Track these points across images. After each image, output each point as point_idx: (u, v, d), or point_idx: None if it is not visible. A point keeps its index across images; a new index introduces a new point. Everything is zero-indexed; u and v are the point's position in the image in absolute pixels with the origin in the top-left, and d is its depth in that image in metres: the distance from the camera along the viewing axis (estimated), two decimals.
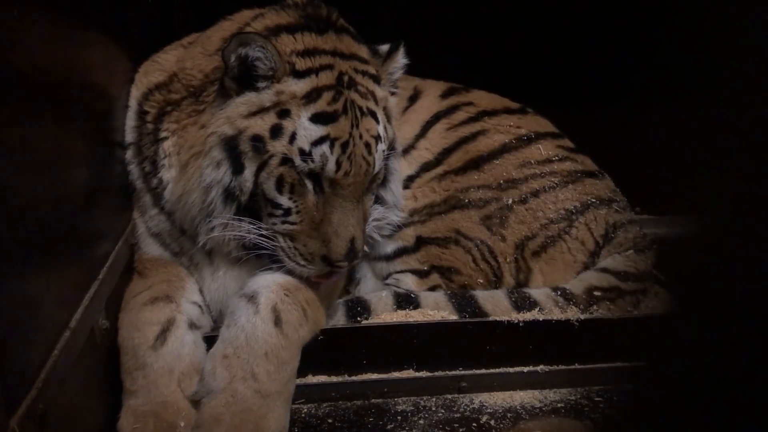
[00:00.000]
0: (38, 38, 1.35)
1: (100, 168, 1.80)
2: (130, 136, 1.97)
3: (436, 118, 2.41)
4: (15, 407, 1.17)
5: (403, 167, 2.32)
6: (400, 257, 2.27)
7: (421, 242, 2.25)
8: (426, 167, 2.33)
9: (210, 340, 1.81)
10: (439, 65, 2.55)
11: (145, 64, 2.06)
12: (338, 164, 1.74)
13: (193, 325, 1.84)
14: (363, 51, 1.92)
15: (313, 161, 1.73)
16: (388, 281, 2.29)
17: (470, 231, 2.22)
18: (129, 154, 1.96)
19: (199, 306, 1.92)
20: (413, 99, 2.46)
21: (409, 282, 2.25)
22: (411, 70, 2.12)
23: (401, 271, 2.27)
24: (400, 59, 2.01)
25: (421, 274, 2.25)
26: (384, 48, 2.00)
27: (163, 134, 1.90)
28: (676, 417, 0.86)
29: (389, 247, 2.28)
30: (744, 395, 0.78)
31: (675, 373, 0.87)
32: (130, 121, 1.98)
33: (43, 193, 1.38)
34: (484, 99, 2.47)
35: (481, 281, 2.21)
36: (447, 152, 2.33)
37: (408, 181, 2.32)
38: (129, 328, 1.76)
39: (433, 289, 2.23)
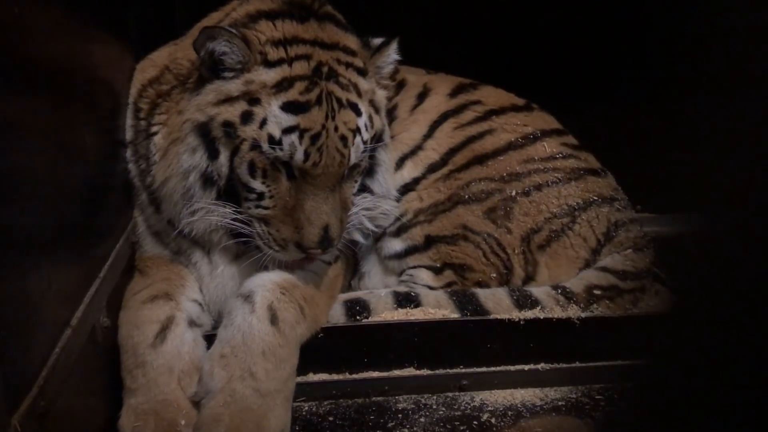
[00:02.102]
0: (38, 36, 1.36)
1: (103, 165, 1.80)
2: (128, 135, 1.98)
3: (444, 117, 2.40)
4: (16, 405, 1.17)
5: (407, 167, 2.33)
6: (412, 255, 2.27)
7: (430, 241, 2.25)
8: (432, 168, 2.33)
9: (211, 339, 1.81)
10: (443, 62, 2.55)
11: (142, 62, 2.08)
12: (306, 155, 1.73)
13: (193, 323, 1.84)
14: (350, 41, 1.90)
15: (282, 149, 1.73)
16: (403, 278, 2.28)
17: (476, 225, 2.22)
18: (128, 153, 1.98)
19: (200, 304, 1.93)
20: (422, 97, 2.45)
21: (424, 276, 2.24)
22: (417, 65, 2.12)
23: (415, 267, 2.27)
24: (391, 54, 1.99)
25: (435, 270, 2.25)
26: (377, 41, 1.99)
27: (154, 129, 1.91)
28: (677, 415, 0.86)
29: (399, 246, 2.27)
30: (745, 394, 0.78)
31: (676, 371, 0.87)
32: (128, 119, 1.99)
33: (46, 191, 1.38)
34: (491, 96, 2.46)
35: (495, 275, 2.21)
36: (453, 152, 2.33)
37: (414, 183, 2.31)
38: (129, 327, 1.76)
39: (448, 285, 2.22)
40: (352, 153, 1.80)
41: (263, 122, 1.73)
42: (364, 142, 1.84)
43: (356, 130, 1.81)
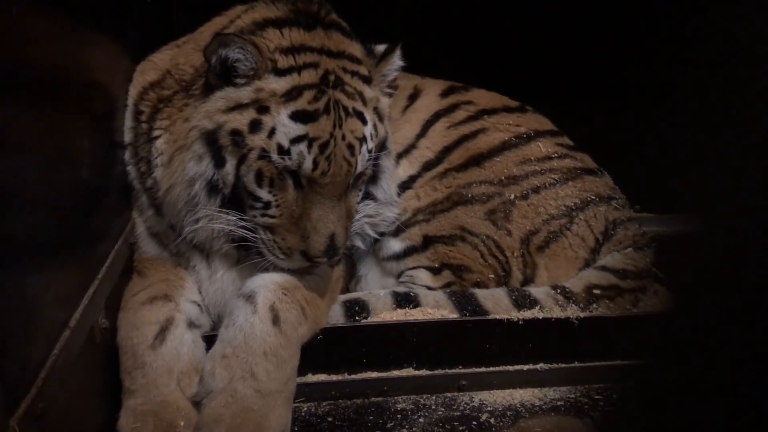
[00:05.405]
0: (37, 37, 1.35)
1: (100, 167, 1.80)
2: (127, 137, 1.97)
3: (436, 116, 2.41)
4: (15, 406, 1.17)
5: (402, 166, 2.33)
6: (411, 256, 2.27)
7: (428, 241, 2.25)
8: (428, 166, 2.34)
9: (209, 340, 1.81)
10: (439, 64, 2.56)
11: (142, 64, 2.07)
12: (315, 164, 1.73)
13: (192, 324, 1.84)
14: (355, 49, 1.90)
15: (290, 158, 1.73)
16: (402, 279, 2.28)
17: (475, 227, 2.23)
18: (127, 155, 1.97)
19: (198, 305, 1.92)
20: (413, 98, 2.46)
21: (423, 277, 2.24)
22: (411, 69, 2.12)
23: (414, 268, 2.27)
24: (396, 61, 1.99)
25: (433, 270, 2.25)
26: (380, 48, 1.99)
27: (156, 133, 1.90)
28: (676, 415, 0.86)
29: (397, 246, 2.27)
30: (744, 393, 0.78)
31: (674, 371, 0.87)
32: (128, 121, 1.98)
33: (44, 192, 1.38)
34: (483, 98, 2.48)
35: (492, 277, 2.21)
36: (448, 150, 2.34)
37: (411, 181, 2.32)
38: (128, 328, 1.76)
39: (447, 286, 2.22)
40: (358, 161, 1.81)
41: (272, 131, 1.73)
42: (369, 151, 1.84)
43: (362, 139, 1.81)
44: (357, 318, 2.03)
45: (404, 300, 2.10)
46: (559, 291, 2.13)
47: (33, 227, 1.32)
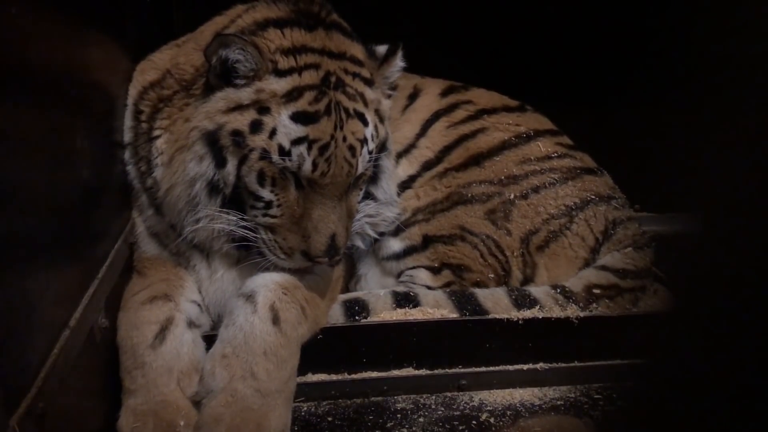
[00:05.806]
0: (36, 37, 1.35)
1: (100, 167, 1.80)
2: (127, 136, 1.97)
3: (436, 116, 2.41)
4: (15, 406, 1.17)
5: (402, 166, 2.33)
6: (411, 255, 2.27)
7: (428, 240, 2.25)
8: (427, 166, 2.34)
9: (209, 339, 1.81)
10: (438, 63, 2.56)
11: (142, 63, 2.06)
12: (315, 165, 1.73)
13: (192, 324, 1.84)
14: (357, 50, 1.90)
15: (290, 160, 1.72)
16: (402, 279, 2.28)
17: (475, 226, 2.23)
18: (127, 155, 1.97)
19: (198, 305, 1.92)
20: (413, 97, 2.46)
21: (423, 277, 2.24)
22: (412, 69, 2.13)
23: (413, 267, 2.27)
24: (398, 62, 1.99)
25: (433, 270, 2.25)
26: (381, 49, 1.99)
27: (156, 132, 1.89)
28: (676, 415, 0.86)
29: (397, 246, 2.27)
30: (744, 393, 0.78)
31: (674, 371, 0.87)
32: (128, 120, 1.98)
33: (44, 192, 1.38)
34: (483, 97, 2.48)
35: (492, 276, 2.21)
36: (447, 150, 2.34)
37: (410, 181, 2.32)
38: (128, 327, 1.76)
39: (447, 285, 2.22)
40: (359, 163, 1.81)
41: (273, 132, 1.73)
42: (370, 152, 1.84)
43: (364, 140, 1.81)
44: (357, 318, 2.03)
45: (404, 300, 2.10)
46: (558, 290, 2.13)
47: (33, 227, 1.32)
